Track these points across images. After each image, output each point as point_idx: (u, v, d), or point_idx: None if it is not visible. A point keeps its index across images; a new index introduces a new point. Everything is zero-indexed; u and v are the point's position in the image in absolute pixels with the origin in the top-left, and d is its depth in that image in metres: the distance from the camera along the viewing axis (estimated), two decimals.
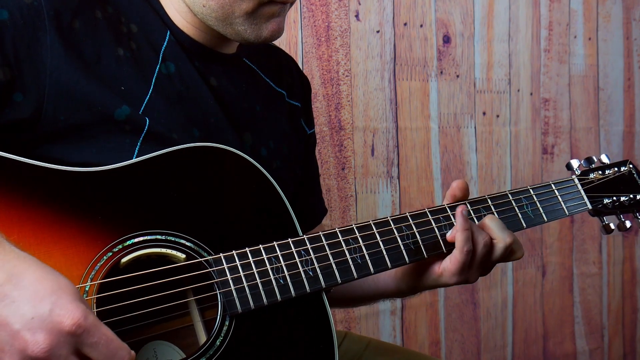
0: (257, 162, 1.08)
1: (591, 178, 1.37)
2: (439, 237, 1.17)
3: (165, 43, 1.13)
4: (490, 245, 1.17)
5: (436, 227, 1.18)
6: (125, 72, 1.06)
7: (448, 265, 1.16)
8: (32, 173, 0.94)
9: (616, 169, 1.39)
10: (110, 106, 1.03)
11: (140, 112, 1.05)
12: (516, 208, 1.26)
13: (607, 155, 1.41)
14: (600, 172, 1.39)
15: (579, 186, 1.35)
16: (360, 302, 1.43)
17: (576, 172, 1.39)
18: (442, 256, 1.18)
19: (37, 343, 0.77)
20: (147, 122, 1.05)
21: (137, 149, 1.04)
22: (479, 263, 1.17)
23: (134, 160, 1.01)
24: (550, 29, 2.55)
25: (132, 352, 0.83)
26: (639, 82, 2.81)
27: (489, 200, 1.24)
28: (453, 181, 1.24)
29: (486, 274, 1.21)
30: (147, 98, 1.07)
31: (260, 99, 1.27)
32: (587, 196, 1.35)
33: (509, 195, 1.27)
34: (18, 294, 0.78)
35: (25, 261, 0.82)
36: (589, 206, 1.35)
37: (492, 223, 1.18)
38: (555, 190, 1.32)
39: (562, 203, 1.32)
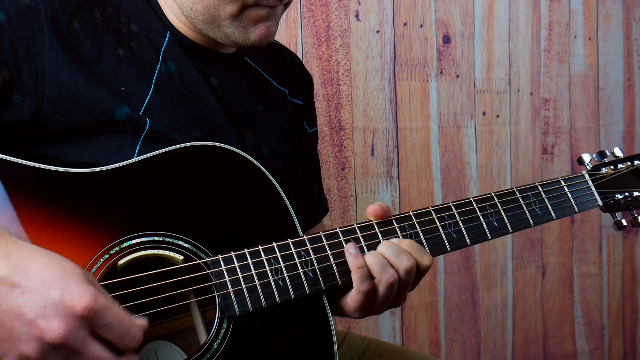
0: (257, 161, 1.08)
1: (602, 173, 1.33)
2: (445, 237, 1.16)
3: (165, 42, 1.13)
4: (397, 281, 1.07)
5: (440, 225, 1.16)
6: (126, 72, 1.06)
7: (348, 302, 1.09)
8: (27, 175, 0.94)
9: (629, 163, 1.35)
10: (111, 107, 1.02)
11: (140, 113, 1.05)
12: (524, 205, 1.23)
13: (620, 149, 1.37)
14: (612, 166, 1.34)
15: (590, 181, 1.32)
16: None
17: (587, 167, 1.35)
18: None
19: (53, 330, 0.78)
20: (148, 123, 1.05)
21: (137, 148, 1.04)
22: (384, 299, 1.08)
23: (131, 160, 1.00)
24: (550, 29, 2.55)
25: (144, 322, 0.85)
26: (639, 82, 2.80)
27: (495, 198, 1.22)
28: (368, 206, 1.14)
29: (399, 304, 1.12)
30: (147, 98, 1.07)
31: (261, 98, 1.26)
32: (597, 192, 1.31)
33: (516, 192, 1.24)
34: (27, 283, 0.79)
35: (28, 251, 0.83)
36: (600, 202, 1.31)
37: (387, 250, 1.07)
38: (565, 187, 1.29)
39: (571, 199, 1.29)
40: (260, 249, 1.03)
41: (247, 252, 1.02)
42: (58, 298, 0.79)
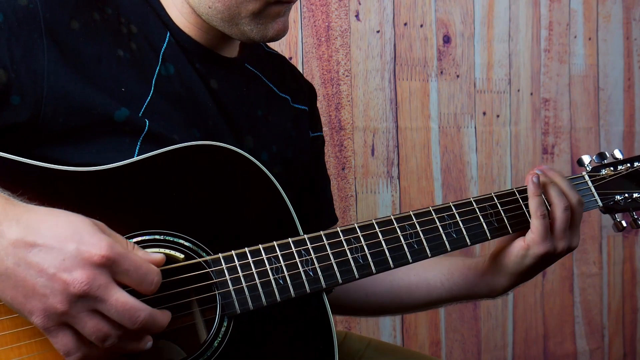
0: (257, 161, 1.08)
1: (602, 174, 1.34)
2: (444, 237, 1.17)
3: (165, 44, 1.13)
4: (570, 208, 1.21)
5: (440, 225, 1.17)
6: (126, 74, 1.06)
7: (531, 236, 1.19)
8: (28, 173, 0.94)
9: (629, 164, 1.36)
10: (110, 108, 1.02)
11: (140, 114, 1.05)
12: (523, 206, 1.24)
13: (620, 151, 1.38)
14: (612, 168, 1.35)
15: (589, 182, 1.33)
16: (410, 309, 1.44)
17: (587, 168, 1.36)
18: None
19: (76, 280, 0.81)
20: (147, 124, 1.05)
21: (137, 149, 1.04)
22: (562, 228, 1.20)
23: (132, 159, 1.00)
24: (550, 29, 2.55)
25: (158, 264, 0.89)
26: (639, 82, 2.80)
27: (495, 198, 1.22)
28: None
29: (574, 244, 1.24)
30: (147, 99, 1.07)
31: (262, 104, 1.26)
32: (597, 193, 1.32)
33: (516, 193, 1.25)
34: (42, 241, 0.82)
35: (36, 212, 0.85)
36: (600, 203, 1.32)
37: (563, 184, 1.23)
38: None
39: None
40: (261, 248, 1.03)
41: (247, 251, 1.02)
42: (75, 250, 0.82)
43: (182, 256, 0.98)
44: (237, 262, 1.01)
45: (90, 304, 0.83)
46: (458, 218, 1.18)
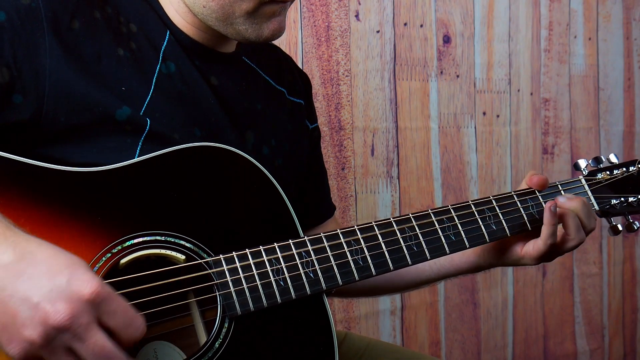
0: (258, 162, 1.08)
1: (599, 178, 1.36)
2: (443, 240, 1.18)
3: (165, 42, 1.13)
4: (565, 238, 1.25)
5: (439, 228, 1.17)
6: (126, 72, 1.06)
7: (530, 250, 1.25)
8: (30, 173, 0.94)
9: (624, 168, 1.37)
10: (111, 107, 1.03)
11: (141, 113, 1.05)
12: (521, 209, 1.25)
13: (615, 155, 1.40)
14: (608, 172, 1.37)
15: (586, 187, 1.34)
16: (401, 290, 1.50)
17: (584, 172, 1.37)
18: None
19: (58, 312, 0.78)
20: (148, 123, 1.05)
21: (138, 148, 1.04)
22: (563, 252, 1.26)
23: (133, 160, 1.00)
24: (550, 29, 2.55)
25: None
26: (639, 82, 2.80)
27: (493, 202, 1.24)
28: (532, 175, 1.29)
29: (562, 254, 1.29)
30: (148, 98, 1.07)
31: (261, 97, 1.27)
32: (594, 197, 1.34)
33: (515, 197, 1.26)
34: (34, 269, 0.80)
35: (34, 241, 0.83)
36: (597, 207, 1.33)
37: (582, 210, 1.24)
38: (562, 191, 1.31)
39: None
40: (262, 249, 1.03)
41: (248, 252, 1.02)
42: (64, 283, 0.79)
43: (183, 257, 0.98)
44: (238, 264, 1.01)
45: (68, 341, 0.80)
46: (457, 221, 1.19)
